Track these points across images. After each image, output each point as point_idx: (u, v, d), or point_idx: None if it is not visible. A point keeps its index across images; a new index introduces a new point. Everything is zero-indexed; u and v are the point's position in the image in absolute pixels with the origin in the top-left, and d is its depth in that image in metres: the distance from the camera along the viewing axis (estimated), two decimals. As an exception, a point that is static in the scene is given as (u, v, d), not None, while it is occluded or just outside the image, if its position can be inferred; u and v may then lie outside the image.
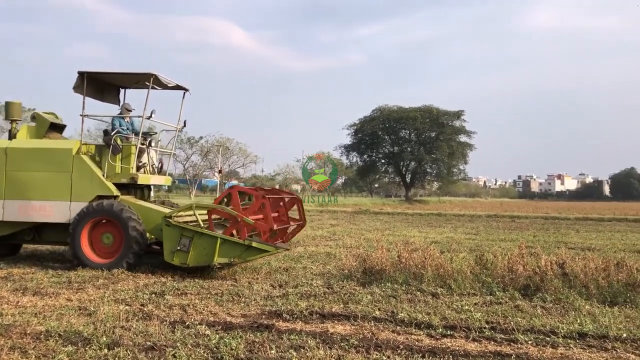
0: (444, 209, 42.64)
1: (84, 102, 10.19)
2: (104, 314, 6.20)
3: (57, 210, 9.90)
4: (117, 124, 10.53)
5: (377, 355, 4.95)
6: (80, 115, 10.20)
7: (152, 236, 9.80)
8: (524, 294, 7.56)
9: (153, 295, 7.42)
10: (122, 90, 11.68)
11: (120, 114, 10.85)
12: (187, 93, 11.14)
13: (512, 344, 5.34)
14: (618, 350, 5.16)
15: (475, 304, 7.06)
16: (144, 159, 10.68)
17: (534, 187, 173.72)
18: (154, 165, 11.14)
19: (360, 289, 7.90)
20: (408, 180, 71.32)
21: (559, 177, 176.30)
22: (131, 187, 10.58)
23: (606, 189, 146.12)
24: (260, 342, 5.24)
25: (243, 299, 7.22)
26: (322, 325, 5.97)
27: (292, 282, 8.46)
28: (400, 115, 66.20)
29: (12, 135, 10.93)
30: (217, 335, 5.43)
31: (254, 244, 8.64)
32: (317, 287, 8.03)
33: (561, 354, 5.04)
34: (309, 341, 5.28)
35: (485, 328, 5.84)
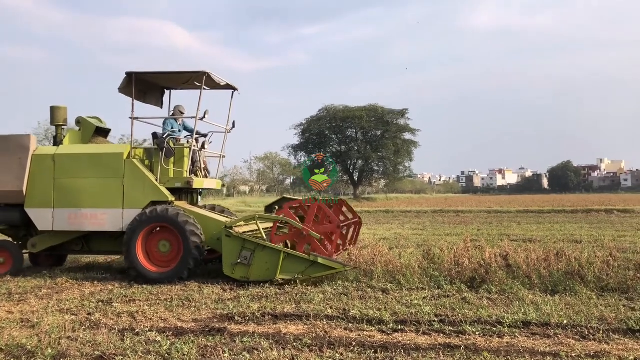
0: (391, 205, 43.26)
1: (132, 104, 9.61)
2: (49, 325, 5.99)
3: (109, 219, 9.37)
4: (169, 126, 10.03)
5: (330, 353, 5.00)
6: (130, 117, 9.56)
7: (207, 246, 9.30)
8: (470, 286, 7.78)
9: (100, 303, 7.24)
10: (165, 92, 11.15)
11: (173, 115, 10.36)
12: (237, 92, 10.63)
13: (460, 335, 5.49)
14: (560, 337, 5.38)
15: (424, 298, 7.21)
16: (196, 162, 10.17)
17: (477, 182, 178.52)
18: (205, 169, 10.62)
19: (312, 288, 7.93)
20: (356, 178, 71.96)
21: (500, 171, 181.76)
22: (182, 192, 10.06)
23: (545, 182, 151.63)
24: (212, 346, 5.20)
25: (194, 304, 7.13)
26: (274, 326, 5.97)
27: (243, 284, 8.41)
28: (346, 114, 66.67)
29: (58, 141, 10.35)
30: (168, 342, 5.35)
31: (320, 260, 8.17)
32: (269, 288, 8.01)
33: (507, 343, 5.22)
34: (262, 343, 5.28)
35: (434, 321, 5.97)
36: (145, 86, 10.37)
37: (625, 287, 7.44)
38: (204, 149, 10.50)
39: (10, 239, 10.37)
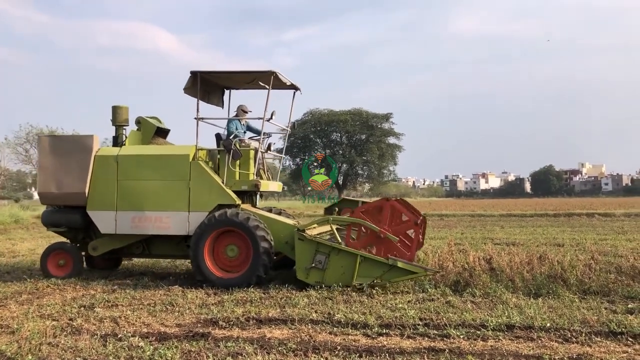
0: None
1: (197, 104, 9.36)
2: (29, 331, 5.89)
3: (175, 222, 9.12)
4: (234, 127, 9.80)
5: (315, 357, 4.98)
6: (195, 118, 9.32)
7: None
8: (454, 289, 7.81)
9: (82, 308, 7.14)
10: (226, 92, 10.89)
11: (236, 115, 10.13)
12: (298, 92, 10.33)
13: (445, 339, 5.50)
14: (543, 340, 5.41)
15: (408, 301, 7.23)
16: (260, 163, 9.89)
17: (460, 186, 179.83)
18: (268, 170, 10.39)
19: (297, 292, 7.90)
20: (340, 182, 72.08)
21: (484, 175, 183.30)
22: (245, 195, 9.77)
23: (527, 186, 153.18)
24: (196, 352, 5.15)
25: (177, 308, 7.06)
26: (259, 330, 5.93)
27: (227, 288, 8.35)
28: (331, 118, 66.77)
29: (119, 142, 10.14)
30: (152, 347, 5.29)
31: (400, 264, 7.84)
32: (253, 292, 7.98)
33: (491, 346, 5.24)
34: (247, 347, 5.24)
35: (419, 325, 5.98)
36: (208, 86, 10.06)
37: (607, 290, 7.52)
38: (269, 150, 10.32)
39: (68, 242, 10.20)
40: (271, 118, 9.49)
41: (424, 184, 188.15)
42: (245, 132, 10.02)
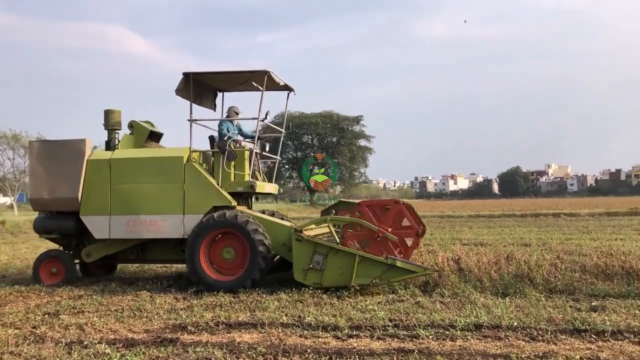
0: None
1: (191, 107, 9.24)
2: (-10, 340, 5.72)
3: (170, 225, 8.95)
4: (226, 128, 9.61)
5: (285, 361, 4.96)
6: (188, 120, 9.20)
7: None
8: (424, 290, 7.87)
9: (46, 315, 6.98)
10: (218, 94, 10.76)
11: (228, 116, 9.94)
12: (292, 93, 10.23)
13: (414, 339, 5.54)
14: (510, 339, 5.49)
15: (378, 303, 7.26)
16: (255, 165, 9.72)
17: (430, 188, 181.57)
18: (262, 172, 10.19)
19: (267, 295, 7.87)
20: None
21: (452, 177, 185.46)
22: (240, 197, 9.59)
23: (495, 187, 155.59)
24: (164, 357, 5.09)
25: (145, 314, 6.96)
26: (228, 335, 5.88)
27: (196, 293, 8.27)
28: (302, 120, 66.78)
29: (111, 146, 9.87)
30: (119, 354, 5.20)
31: (398, 264, 7.82)
32: (223, 296, 7.91)
33: (459, 346, 5.30)
34: (216, 352, 5.19)
35: (388, 326, 6.01)
36: (200, 88, 9.88)
37: (572, 289, 7.69)
38: (265, 151, 10.18)
39: (61, 249, 9.95)
40: (265, 118, 9.44)
41: (394, 185, 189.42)
42: (238, 134, 9.93)
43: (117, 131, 10.09)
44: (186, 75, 9.16)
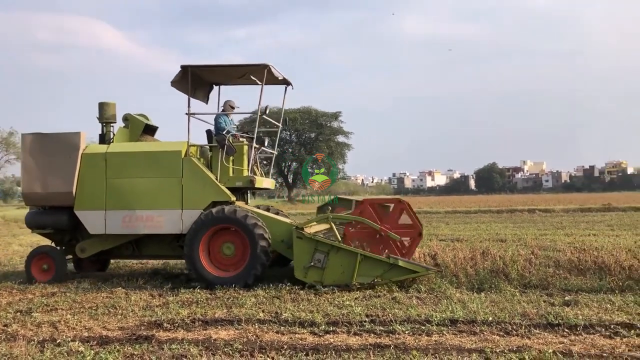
0: (324, 207, 43.39)
1: (189, 100, 9.12)
2: (-40, 338, 5.61)
3: (167, 220, 8.80)
4: (223, 123, 9.44)
5: (261, 357, 4.94)
6: (186, 113, 9.06)
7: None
8: (400, 285, 7.91)
9: (18, 313, 6.86)
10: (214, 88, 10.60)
11: (224, 111, 9.76)
12: (290, 87, 10.10)
13: (390, 335, 5.57)
14: (485, 333, 5.55)
15: (355, 298, 7.28)
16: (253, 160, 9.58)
17: (408, 184, 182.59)
18: (259, 167, 10.01)
19: (244, 292, 7.84)
20: (290, 180, 72.01)
21: (430, 173, 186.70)
22: (237, 192, 9.40)
23: (472, 183, 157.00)
24: (139, 355, 5.03)
25: (120, 311, 6.88)
26: (204, 332, 5.84)
27: (172, 289, 8.20)
28: (280, 116, 66.70)
29: (105, 139, 9.64)
30: (92, 351, 5.13)
31: (400, 263, 7.82)
32: (199, 293, 7.86)
33: (435, 341, 5.34)
34: (192, 349, 5.15)
35: (365, 321, 6.03)
36: (194, 80, 9.62)
37: (546, 284, 7.80)
38: (264, 146, 10.05)
39: (52, 244, 9.75)
40: (265, 112, 9.35)
41: (372, 181, 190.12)
42: (236, 128, 9.80)
43: (111, 124, 9.93)
44: (184, 67, 9.04)
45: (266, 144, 10.16)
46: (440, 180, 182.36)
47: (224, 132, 9.25)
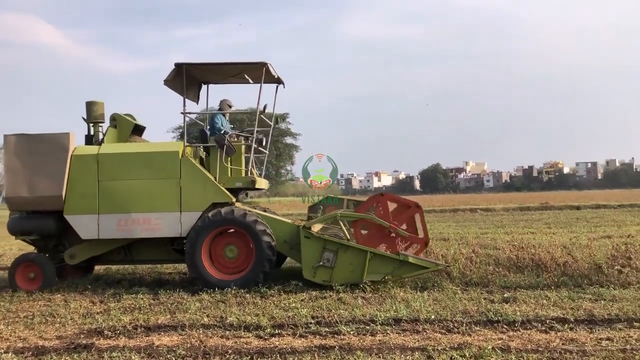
0: (273, 208, 43.25)
1: (184, 99, 8.83)
2: None
3: (165, 223, 8.43)
4: (219, 122, 9.04)
5: (205, 363, 4.88)
6: (182, 112, 8.78)
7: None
8: (346, 286, 7.96)
9: (-54, 325, 6.51)
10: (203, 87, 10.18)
11: (220, 110, 9.36)
12: (282, 86, 9.74)
13: (335, 336, 5.60)
14: (428, 332, 5.67)
15: (302, 300, 7.29)
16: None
17: (355, 184, 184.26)
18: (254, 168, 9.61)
19: (188, 297, 7.72)
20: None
21: (377, 174, 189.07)
22: (232, 193, 8.95)
23: (417, 184, 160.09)
24: (77, 365, 4.87)
25: (58, 319, 6.65)
26: (147, 338, 5.72)
27: (114, 295, 7.99)
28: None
29: (93, 140, 9.12)
30: (27, 363, 4.93)
31: (410, 260, 7.81)
32: (142, 299, 7.68)
33: (379, 340, 5.41)
34: (133, 356, 5.04)
35: (311, 323, 6.05)
36: (187, 79, 9.25)
37: (486, 281, 8.03)
38: (262, 146, 9.77)
39: (35, 251, 9.21)
40: (264, 111, 9.18)
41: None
42: (233, 127, 9.56)
43: (100, 124, 9.56)
44: (178, 65, 8.76)
45: (264, 143, 10.02)
46: (387, 180, 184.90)
47: (222, 132, 9.08)
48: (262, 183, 9.67)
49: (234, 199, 8.76)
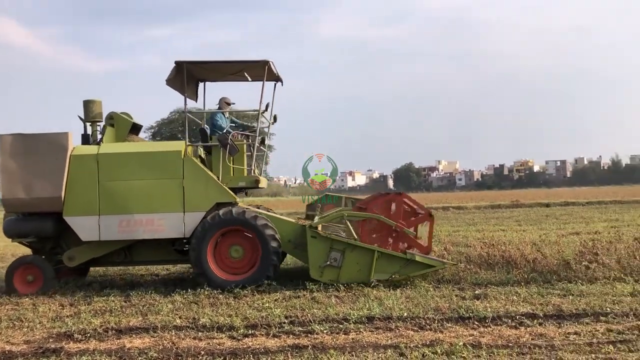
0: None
1: (185, 98, 8.76)
2: None
3: (169, 224, 8.30)
4: (220, 121, 8.87)
5: (177, 364, 4.84)
6: (183, 112, 8.82)
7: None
8: (319, 285, 7.98)
9: None
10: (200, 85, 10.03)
11: (219, 108, 9.18)
12: (280, 84, 9.54)
13: (309, 335, 5.61)
14: (400, 329, 5.72)
15: (275, 300, 7.29)
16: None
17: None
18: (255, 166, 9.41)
19: (161, 298, 7.65)
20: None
21: (351, 173, 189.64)
22: (234, 192, 8.78)
23: (390, 183, 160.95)
24: (46, 369, 4.79)
25: (26, 323, 6.52)
26: (118, 341, 5.65)
27: (85, 298, 7.86)
28: (199, 117, 65.47)
29: (92, 140, 8.89)
30: (-7, 368, 4.83)
31: (417, 258, 7.86)
32: (114, 301, 7.58)
33: (352, 339, 5.44)
34: (104, 360, 4.97)
35: (284, 323, 6.05)
36: (187, 77, 9.07)
37: (458, 278, 8.14)
38: (263, 144, 9.61)
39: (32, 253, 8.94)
40: (266, 110, 9.09)
41: (295, 182, 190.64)
42: (237, 126, 9.52)
43: (98, 124, 9.35)
44: (178, 64, 8.63)
45: (266, 141, 9.95)
46: (361, 180, 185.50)
47: (223, 131, 8.99)
48: (264, 182, 9.62)
49: (236, 199, 8.68)
